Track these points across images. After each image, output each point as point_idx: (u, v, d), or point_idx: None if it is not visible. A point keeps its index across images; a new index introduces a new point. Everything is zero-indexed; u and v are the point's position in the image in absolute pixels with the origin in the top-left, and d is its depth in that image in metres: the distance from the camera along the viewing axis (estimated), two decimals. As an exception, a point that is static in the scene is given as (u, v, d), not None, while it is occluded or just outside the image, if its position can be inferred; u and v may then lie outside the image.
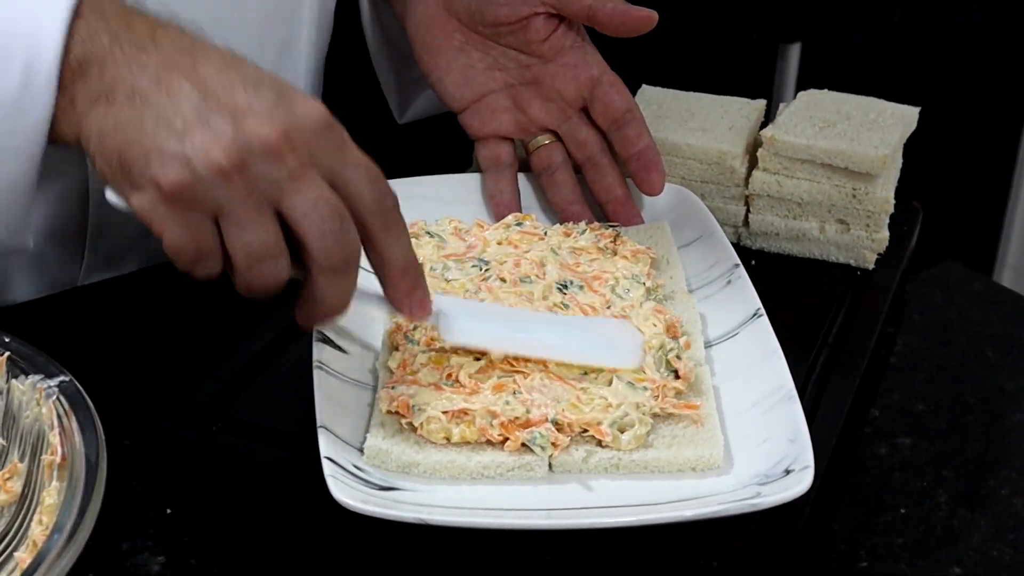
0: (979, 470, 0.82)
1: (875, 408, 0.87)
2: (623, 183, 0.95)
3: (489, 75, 0.96)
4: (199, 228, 0.65)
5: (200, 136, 0.64)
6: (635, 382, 0.74)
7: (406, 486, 0.70)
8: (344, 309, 0.70)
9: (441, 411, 0.71)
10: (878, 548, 0.75)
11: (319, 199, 0.65)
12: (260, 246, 0.66)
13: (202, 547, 0.73)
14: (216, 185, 0.64)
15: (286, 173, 0.65)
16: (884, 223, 0.95)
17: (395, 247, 0.69)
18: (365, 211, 0.67)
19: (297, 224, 0.66)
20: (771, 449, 0.71)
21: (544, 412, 0.71)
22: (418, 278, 0.71)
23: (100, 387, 0.73)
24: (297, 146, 0.65)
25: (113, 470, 0.68)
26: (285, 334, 0.83)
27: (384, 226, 0.68)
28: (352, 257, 0.67)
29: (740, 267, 0.86)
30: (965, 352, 0.94)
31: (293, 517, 0.73)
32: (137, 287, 0.99)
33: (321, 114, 0.66)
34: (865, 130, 0.96)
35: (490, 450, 0.71)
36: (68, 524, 0.63)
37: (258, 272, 0.67)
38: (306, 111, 0.66)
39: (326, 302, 0.68)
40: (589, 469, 0.71)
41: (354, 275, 0.68)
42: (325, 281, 0.67)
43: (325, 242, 0.66)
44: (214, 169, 0.63)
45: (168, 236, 0.66)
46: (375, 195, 0.67)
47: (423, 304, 0.72)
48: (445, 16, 0.95)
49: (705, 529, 0.69)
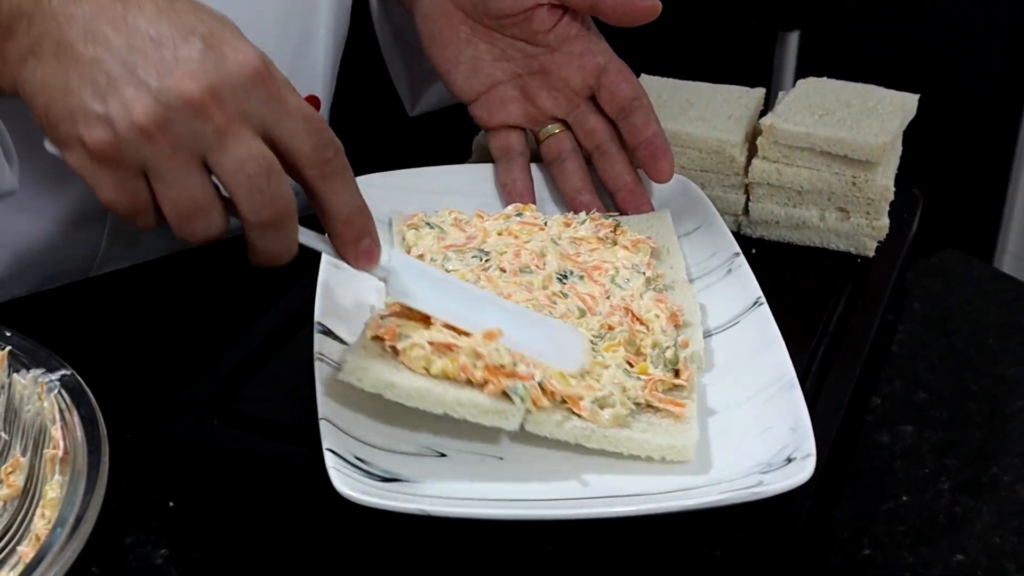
0: (981, 458, 0.82)
1: (876, 396, 0.87)
2: (632, 171, 0.95)
3: (497, 66, 0.96)
4: (130, 185, 0.65)
5: (122, 94, 0.63)
6: (632, 372, 0.74)
7: (408, 477, 0.70)
8: (288, 257, 0.70)
9: (427, 340, 0.70)
10: (880, 536, 0.75)
11: (245, 156, 0.65)
12: (188, 203, 0.65)
13: (205, 540, 0.73)
14: (140, 145, 0.64)
15: (211, 129, 0.64)
16: (884, 211, 0.95)
17: (336, 197, 0.69)
18: (302, 162, 0.67)
19: (224, 180, 0.65)
20: (773, 438, 0.71)
21: (532, 371, 0.71)
22: (363, 226, 0.70)
23: (102, 381, 0.73)
24: (224, 101, 0.64)
25: (116, 464, 0.68)
26: (286, 327, 0.83)
27: (323, 176, 0.68)
28: (282, 212, 0.67)
29: (740, 256, 0.86)
30: (966, 340, 0.94)
31: (296, 509, 0.73)
32: (138, 281, 0.99)
33: (253, 65, 0.65)
34: (864, 118, 0.96)
35: (468, 389, 0.70)
36: (71, 518, 0.63)
37: (189, 228, 0.67)
38: (237, 63, 0.64)
39: (266, 254, 0.69)
40: (561, 435, 0.70)
41: (290, 227, 0.68)
42: (259, 236, 0.67)
43: (252, 199, 0.65)
44: (136, 129, 0.63)
45: (101, 193, 0.66)
46: (313, 145, 0.67)
47: (368, 253, 0.71)
48: (451, 8, 0.95)
49: (707, 518, 0.69)
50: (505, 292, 0.80)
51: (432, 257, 0.85)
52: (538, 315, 0.79)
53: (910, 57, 2.18)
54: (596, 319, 0.79)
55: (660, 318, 0.79)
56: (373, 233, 0.71)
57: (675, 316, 0.80)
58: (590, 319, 0.79)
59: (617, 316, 0.79)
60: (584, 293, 0.81)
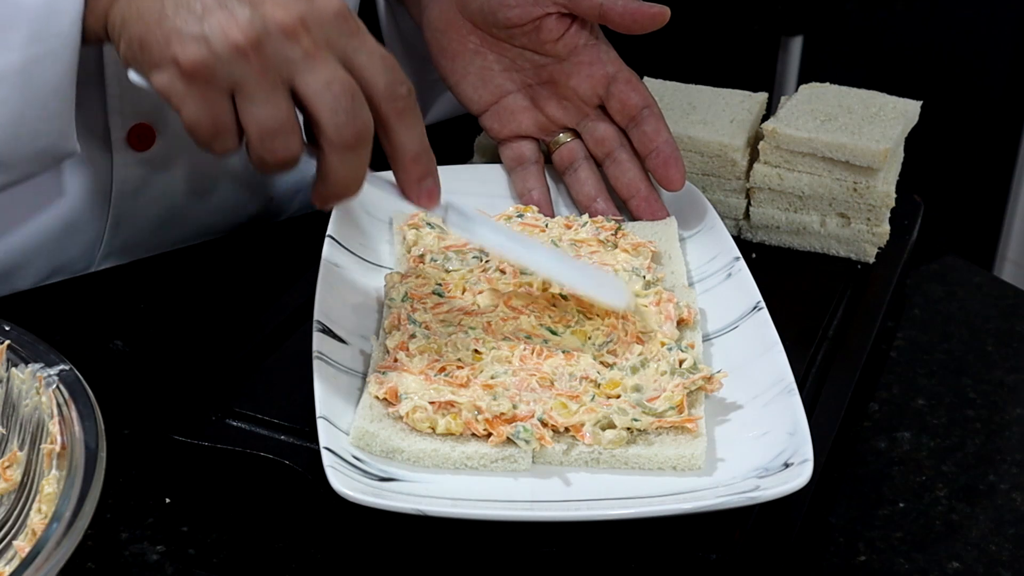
0: (979, 465, 0.82)
1: (875, 402, 0.87)
2: (645, 178, 0.95)
3: (506, 76, 0.96)
4: (216, 104, 0.69)
5: (218, 17, 0.68)
6: (645, 386, 0.74)
7: (406, 476, 0.70)
8: (357, 189, 0.72)
9: (428, 401, 0.71)
10: (877, 542, 0.75)
11: (332, 78, 0.68)
12: (272, 121, 0.69)
13: (201, 537, 0.73)
14: (233, 62, 0.67)
15: (300, 53, 0.68)
16: (885, 217, 0.95)
17: (407, 133, 0.72)
18: (378, 95, 0.70)
19: (310, 101, 0.69)
20: (770, 442, 0.71)
21: (532, 408, 0.71)
22: (429, 166, 0.73)
23: (101, 377, 0.73)
24: (312, 30, 0.68)
25: (113, 459, 0.68)
26: (285, 324, 0.83)
27: (397, 112, 0.71)
28: (363, 134, 0.70)
29: (740, 260, 0.86)
30: (966, 346, 0.93)
31: (292, 507, 0.73)
32: (138, 278, 0.99)
33: (337, 4, 0.70)
34: (867, 124, 0.96)
35: (474, 441, 0.71)
36: (67, 513, 0.63)
37: (270, 147, 0.69)
38: (323, 1, 0.69)
39: (339, 181, 0.71)
40: (569, 462, 0.71)
41: (366, 153, 0.71)
42: (337, 158, 0.70)
43: (337, 118, 0.69)
44: (231, 47, 0.67)
45: (186, 112, 0.69)
46: (388, 80, 0.70)
47: (431, 193, 0.74)
48: (460, 19, 0.95)
49: (704, 521, 0.69)
50: (505, 294, 0.80)
51: (432, 258, 0.85)
52: (580, 260, 0.82)
53: (912, 63, 2.18)
54: (598, 327, 0.79)
55: (660, 316, 0.79)
56: (436, 174, 0.74)
57: (685, 321, 0.80)
58: (590, 324, 0.79)
59: (614, 320, 0.79)
60: None
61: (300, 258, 0.89)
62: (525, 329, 0.78)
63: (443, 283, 0.82)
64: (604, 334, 0.78)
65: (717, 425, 0.74)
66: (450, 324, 0.78)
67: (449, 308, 0.80)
